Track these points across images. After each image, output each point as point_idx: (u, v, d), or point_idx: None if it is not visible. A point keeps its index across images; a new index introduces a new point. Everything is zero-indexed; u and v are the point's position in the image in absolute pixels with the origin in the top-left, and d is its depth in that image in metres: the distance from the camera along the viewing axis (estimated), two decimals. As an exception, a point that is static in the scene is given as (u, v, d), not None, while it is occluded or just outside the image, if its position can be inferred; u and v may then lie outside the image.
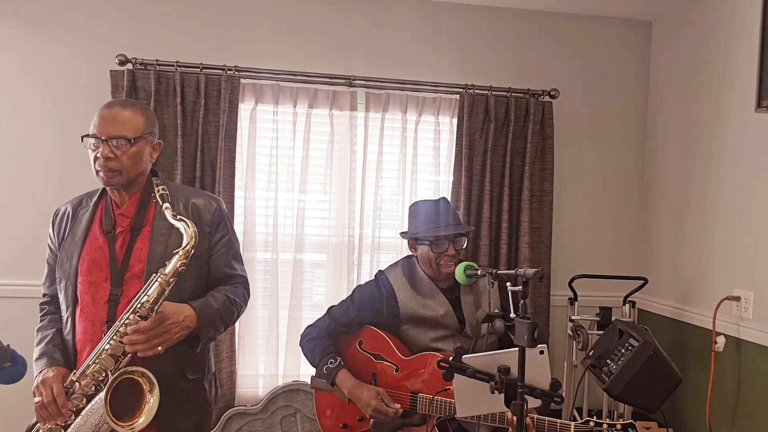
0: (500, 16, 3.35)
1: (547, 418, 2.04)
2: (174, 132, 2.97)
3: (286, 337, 3.14)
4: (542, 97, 3.26)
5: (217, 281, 1.94)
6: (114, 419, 1.62)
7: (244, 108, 3.10)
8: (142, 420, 1.66)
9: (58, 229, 1.92)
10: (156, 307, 1.69)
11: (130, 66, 2.94)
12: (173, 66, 2.95)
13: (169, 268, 1.72)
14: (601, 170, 3.48)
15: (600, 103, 3.46)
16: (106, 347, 1.70)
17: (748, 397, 2.66)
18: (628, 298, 3.01)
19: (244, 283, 2.00)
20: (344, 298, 2.53)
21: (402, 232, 2.50)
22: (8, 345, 1.75)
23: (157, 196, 1.78)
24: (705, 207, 2.98)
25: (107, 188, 1.87)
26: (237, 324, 3.07)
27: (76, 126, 3.00)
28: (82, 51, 3.03)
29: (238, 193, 3.07)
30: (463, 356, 1.67)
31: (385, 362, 2.35)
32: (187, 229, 1.73)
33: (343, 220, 3.20)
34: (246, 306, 2.00)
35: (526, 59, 3.38)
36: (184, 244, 1.73)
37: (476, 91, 3.19)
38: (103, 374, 1.69)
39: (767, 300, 2.58)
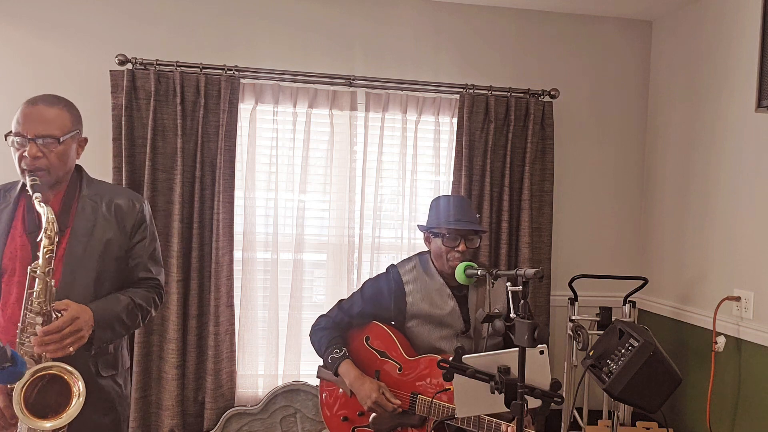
0: (500, 16, 3.35)
1: None
2: (174, 132, 2.97)
3: (286, 337, 3.14)
4: (542, 97, 3.26)
5: (131, 283, 1.91)
6: (30, 416, 1.59)
7: (244, 108, 3.10)
8: (63, 418, 1.63)
9: None
10: (48, 300, 1.65)
11: (130, 66, 2.94)
12: (173, 66, 2.95)
13: (40, 258, 1.67)
14: (601, 170, 3.48)
15: (600, 103, 3.46)
16: (21, 351, 1.67)
17: (748, 397, 2.66)
18: (628, 298, 3.01)
19: (156, 288, 1.96)
20: (348, 294, 2.54)
21: (419, 225, 2.51)
22: (7, 345, 1.74)
23: (28, 186, 1.73)
24: (705, 207, 2.98)
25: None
26: (237, 324, 3.07)
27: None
28: (82, 51, 3.03)
29: (238, 193, 3.07)
30: (463, 356, 1.67)
31: (389, 360, 2.36)
32: (46, 215, 1.67)
33: (343, 220, 3.19)
34: (155, 311, 1.96)
35: (526, 59, 3.38)
36: (43, 229, 1.67)
37: (476, 91, 3.19)
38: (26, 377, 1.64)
39: (767, 300, 2.58)
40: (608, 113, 3.47)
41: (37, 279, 1.67)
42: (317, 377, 2.52)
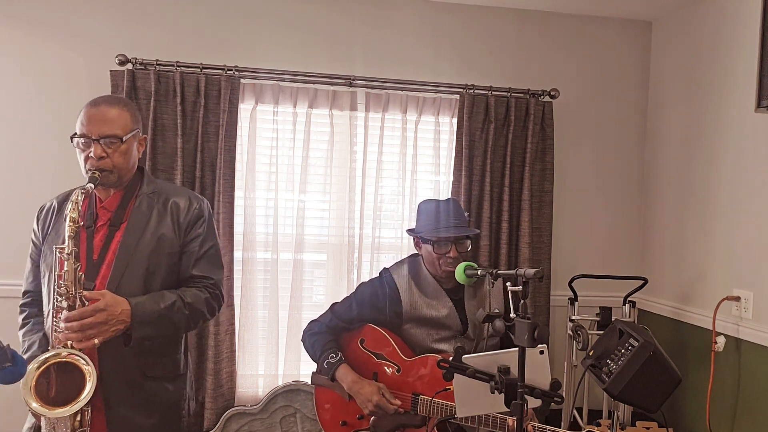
0: (500, 17, 3.35)
1: (548, 427, 2.04)
2: (174, 132, 2.97)
3: (286, 337, 3.14)
4: (542, 97, 3.26)
5: (184, 281, 1.90)
6: (40, 402, 1.61)
7: (244, 108, 3.10)
8: (73, 407, 1.63)
9: (43, 223, 1.91)
10: (74, 284, 1.66)
11: (130, 66, 2.94)
12: (173, 66, 2.95)
13: (62, 238, 1.70)
14: (601, 170, 3.48)
15: (600, 103, 3.46)
16: (54, 336, 1.69)
17: (748, 397, 2.66)
18: (628, 298, 3.01)
19: (212, 288, 1.93)
20: (347, 294, 2.53)
21: (408, 229, 2.50)
22: (8, 345, 1.74)
23: (87, 176, 1.75)
24: (705, 207, 2.98)
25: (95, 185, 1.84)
26: (237, 324, 3.07)
27: (75, 126, 3.01)
28: (82, 51, 3.03)
29: (238, 193, 3.07)
30: (463, 356, 1.67)
31: (386, 362, 2.35)
32: (76, 198, 1.70)
33: (343, 220, 3.19)
34: (210, 313, 1.92)
35: (526, 59, 3.38)
36: (67, 211, 1.70)
37: (476, 91, 3.19)
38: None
39: (767, 300, 2.58)
40: (608, 113, 3.47)
41: (60, 259, 1.68)
42: (312, 384, 2.50)
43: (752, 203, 2.68)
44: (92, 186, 1.73)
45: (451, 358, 1.67)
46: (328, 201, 3.22)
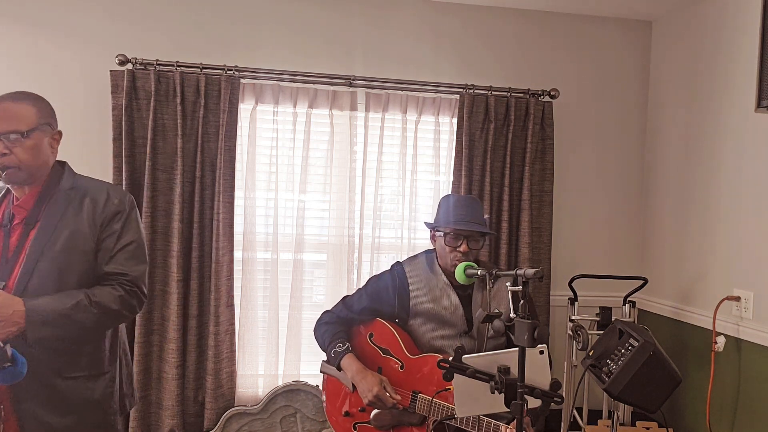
0: (500, 17, 3.35)
1: None
2: (174, 132, 2.97)
3: (286, 337, 3.14)
4: (542, 97, 3.26)
5: (99, 278, 1.83)
6: None
7: (244, 108, 3.10)
8: None
9: None
10: None
11: (130, 66, 2.94)
12: (173, 66, 2.95)
13: None
14: (601, 170, 3.48)
15: (600, 103, 3.46)
16: None
17: (748, 397, 2.66)
18: (628, 298, 3.01)
19: (128, 285, 1.84)
20: (347, 294, 2.53)
21: (426, 222, 2.51)
22: (8, 345, 1.74)
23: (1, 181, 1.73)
24: (705, 207, 2.98)
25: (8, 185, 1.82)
26: (237, 324, 3.07)
27: (76, 126, 3.01)
28: (82, 51, 3.03)
29: (238, 193, 3.07)
30: (463, 356, 1.67)
31: (391, 358, 2.36)
32: None
33: (343, 220, 3.20)
34: (128, 311, 1.84)
35: (526, 59, 3.38)
36: None
37: (476, 91, 3.19)
38: None
39: (767, 300, 2.58)
40: (608, 113, 3.47)
41: None
42: (320, 372, 2.53)
43: (752, 203, 2.68)
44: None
45: (450, 358, 1.67)
46: (328, 201, 3.22)
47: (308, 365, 3.13)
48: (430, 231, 2.45)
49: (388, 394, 2.26)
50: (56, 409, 1.77)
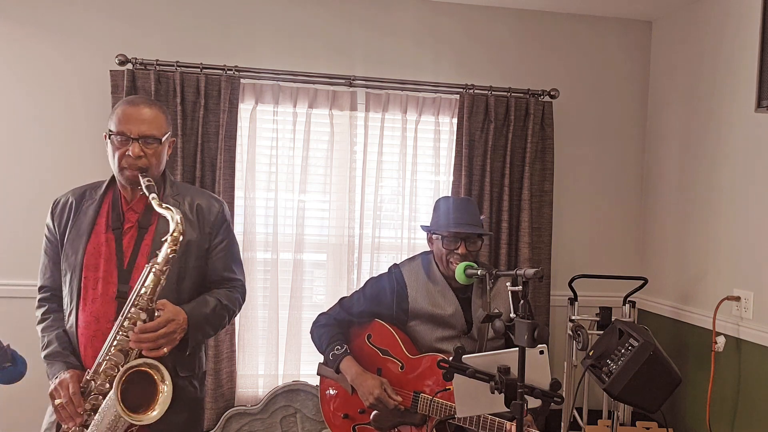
0: (500, 17, 3.35)
1: None
2: (174, 132, 2.97)
3: (286, 337, 3.14)
4: (542, 97, 3.26)
5: (214, 284, 1.94)
6: (128, 412, 1.63)
7: (244, 108, 3.10)
8: (156, 413, 1.67)
9: (59, 219, 1.88)
10: (154, 298, 1.70)
11: (130, 66, 2.94)
12: (173, 66, 2.95)
13: (161, 256, 1.72)
14: (601, 170, 3.48)
15: (600, 103, 3.46)
16: (114, 343, 1.70)
17: (748, 397, 2.66)
18: (628, 298, 3.01)
19: (240, 288, 2.00)
20: (347, 293, 2.53)
21: (422, 225, 2.51)
22: (8, 345, 1.75)
23: (144, 187, 1.76)
24: (705, 207, 2.98)
25: (127, 185, 1.85)
26: (237, 324, 3.07)
27: (76, 126, 3.01)
28: (82, 51, 3.02)
29: (238, 193, 3.07)
30: (463, 356, 1.67)
31: (391, 358, 2.36)
32: (173, 216, 1.73)
33: (343, 220, 3.20)
34: (239, 311, 2.01)
35: (526, 59, 3.38)
36: (171, 230, 1.72)
37: (476, 91, 3.19)
38: (116, 370, 1.69)
39: (767, 300, 2.58)
40: (608, 113, 3.47)
41: (152, 274, 1.70)
42: (318, 374, 2.52)
43: (752, 203, 2.68)
44: (155, 196, 1.74)
45: (450, 358, 1.67)
46: (328, 201, 3.22)
47: (308, 365, 3.13)
48: (427, 234, 2.45)
49: (389, 396, 2.25)
50: (173, 407, 1.81)
